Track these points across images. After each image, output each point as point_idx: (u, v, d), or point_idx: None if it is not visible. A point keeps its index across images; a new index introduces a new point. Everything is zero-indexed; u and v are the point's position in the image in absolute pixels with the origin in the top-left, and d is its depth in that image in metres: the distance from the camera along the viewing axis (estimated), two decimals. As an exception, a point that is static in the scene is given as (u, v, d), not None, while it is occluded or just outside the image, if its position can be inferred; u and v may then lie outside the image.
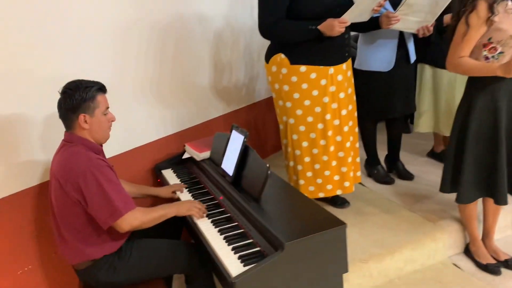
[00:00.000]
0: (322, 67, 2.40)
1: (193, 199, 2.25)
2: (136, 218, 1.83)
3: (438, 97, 3.14)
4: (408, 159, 3.39)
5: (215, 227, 1.95)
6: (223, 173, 2.23)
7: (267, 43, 2.55)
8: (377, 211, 2.73)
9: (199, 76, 3.04)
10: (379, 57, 2.80)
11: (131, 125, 2.59)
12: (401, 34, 2.80)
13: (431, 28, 2.68)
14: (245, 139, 2.11)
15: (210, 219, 2.02)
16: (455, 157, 2.25)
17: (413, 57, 2.91)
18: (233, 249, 1.76)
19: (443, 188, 2.34)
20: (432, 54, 3.04)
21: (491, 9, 1.96)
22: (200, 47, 3.01)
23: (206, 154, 2.54)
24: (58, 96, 1.86)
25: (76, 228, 1.85)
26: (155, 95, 2.73)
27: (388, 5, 2.67)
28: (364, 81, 2.89)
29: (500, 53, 2.04)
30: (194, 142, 2.70)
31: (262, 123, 3.74)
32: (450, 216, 2.61)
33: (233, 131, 2.24)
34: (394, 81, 2.86)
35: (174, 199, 2.27)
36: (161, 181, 2.66)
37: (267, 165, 1.90)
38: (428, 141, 3.74)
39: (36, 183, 2.13)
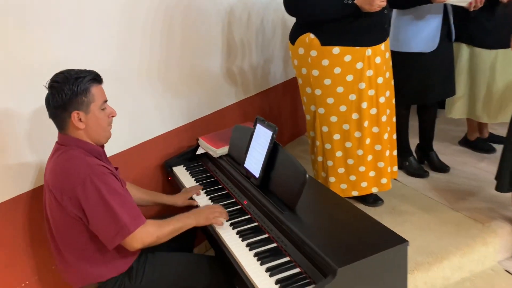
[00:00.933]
0: (358, 48, 2.07)
1: (211, 203, 1.94)
2: (149, 234, 1.53)
3: (476, 80, 2.81)
4: (439, 148, 3.07)
5: (242, 240, 1.65)
6: (247, 174, 1.92)
7: (283, 20, 2.22)
8: (416, 210, 2.43)
9: (210, 59, 2.70)
10: (422, 36, 2.46)
11: (137, 117, 2.27)
12: (444, 9, 2.46)
13: (483, 0, 2.34)
14: (274, 135, 1.79)
15: (235, 229, 1.72)
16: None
17: (454, 34, 2.58)
18: (268, 270, 1.47)
19: (501, 188, 2.04)
20: (471, 31, 2.70)
21: None
22: (210, 26, 2.67)
23: (223, 150, 2.22)
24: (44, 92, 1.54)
25: (77, 247, 1.55)
26: (163, 82, 2.39)
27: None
28: (401, 63, 2.55)
29: None
30: (209, 136, 2.38)
31: (277, 110, 3.42)
32: (500, 216, 2.32)
33: (258, 125, 1.92)
34: (435, 62, 2.54)
35: (192, 207, 1.96)
36: (172, 179, 2.35)
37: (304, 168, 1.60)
38: (459, 126, 3.43)
39: (29, 188, 1.83)
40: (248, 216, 1.80)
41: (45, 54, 1.80)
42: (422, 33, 2.47)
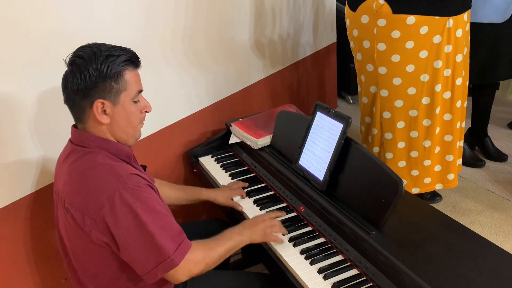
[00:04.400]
0: (438, 18, 1.67)
1: (260, 210, 1.58)
2: (197, 263, 1.18)
3: None
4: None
5: (311, 263, 1.30)
6: (305, 174, 1.56)
7: None
8: (481, 208, 2.11)
9: (238, 28, 2.28)
10: (493, 4, 2.07)
11: (160, 98, 1.87)
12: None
13: None
14: (346, 129, 1.41)
15: (297, 247, 1.37)
16: None
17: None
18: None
19: None
20: None
21: None
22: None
23: (265, 141, 1.84)
24: (59, 65, 1.13)
25: (103, 278, 1.19)
26: (188, 56, 1.98)
27: None
28: None
29: None
30: (244, 122, 1.99)
31: (306, 86, 3.02)
32: None
33: (319, 114, 1.54)
34: (504, 36, 2.17)
35: (236, 210, 1.60)
36: (198, 171, 1.98)
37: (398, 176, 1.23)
38: (505, 106, 3.09)
39: (30, 191, 1.46)
40: (310, 228, 1.45)
41: (52, 23, 1.38)
42: (493, 1, 2.08)
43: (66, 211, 1.13)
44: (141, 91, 1.21)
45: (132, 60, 1.15)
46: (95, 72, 1.09)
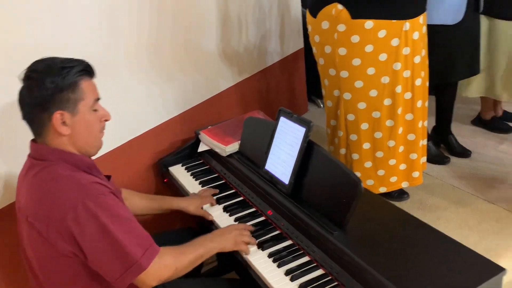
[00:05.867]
0: (395, 21, 1.73)
1: (230, 216, 1.60)
2: (166, 267, 1.19)
3: (495, 54, 2.55)
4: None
5: (279, 265, 1.32)
6: (271, 179, 1.58)
7: None
8: (446, 204, 2.17)
9: (204, 37, 2.30)
10: (445, 6, 2.16)
11: (126, 109, 1.88)
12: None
13: None
14: (308, 133, 1.45)
15: (266, 251, 1.39)
16: None
17: (482, 5, 2.28)
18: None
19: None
20: (488, 1, 2.40)
21: None
22: (204, 0, 2.26)
23: (234, 147, 1.86)
24: (18, 81, 1.14)
25: (73, 289, 1.19)
26: (154, 66, 1.99)
27: None
28: None
29: None
30: (212, 129, 2.01)
31: (275, 92, 3.06)
32: (541, 206, 2.10)
33: (283, 119, 1.58)
34: (458, 37, 2.26)
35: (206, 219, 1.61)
36: (169, 181, 1.98)
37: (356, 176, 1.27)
38: (468, 104, 3.18)
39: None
40: (278, 231, 1.47)
41: (11, 35, 1.38)
42: (445, 3, 2.16)
43: (30, 226, 1.13)
44: (98, 99, 1.22)
45: (87, 69, 1.17)
46: (51, 85, 1.10)
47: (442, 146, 2.69)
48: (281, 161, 1.54)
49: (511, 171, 2.42)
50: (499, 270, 1.11)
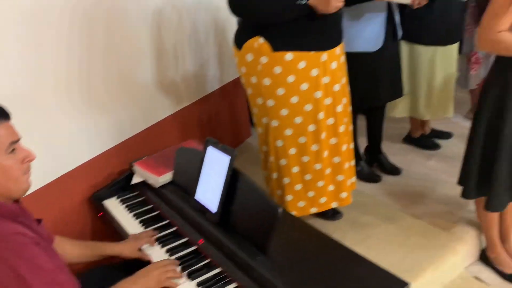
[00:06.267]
0: (313, 53, 1.85)
1: (162, 248, 1.62)
2: None
3: (417, 77, 2.74)
4: (384, 147, 2.99)
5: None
6: (201, 208, 1.63)
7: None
8: (378, 221, 2.29)
9: (139, 68, 2.34)
10: (365, 35, 2.31)
11: (56, 144, 1.88)
12: (389, 7, 2.32)
13: None
14: (232, 161, 1.51)
15: (195, 280, 1.42)
16: (482, 156, 1.84)
17: (400, 33, 2.46)
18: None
19: (468, 195, 1.93)
20: (408, 28, 2.60)
21: None
22: (136, 30, 2.30)
23: (167, 177, 1.90)
24: None
25: None
26: (86, 99, 2.01)
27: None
28: (346, 65, 2.41)
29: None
30: (146, 160, 2.04)
31: (216, 118, 3.13)
32: (461, 219, 2.24)
33: (210, 148, 1.63)
34: (380, 63, 2.41)
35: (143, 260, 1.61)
36: (103, 215, 1.98)
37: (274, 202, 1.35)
38: (399, 123, 3.37)
39: None
40: (208, 260, 1.51)
41: None
42: (365, 32, 2.32)
43: None
44: (16, 141, 1.20)
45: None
46: None
47: (375, 164, 2.84)
48: (210, 190, 1.60)
49: (435, 186, 2.57)
50: (403, 284, 1.19)
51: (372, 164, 2.83)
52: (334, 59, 1.92)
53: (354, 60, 2.37)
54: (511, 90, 1.70)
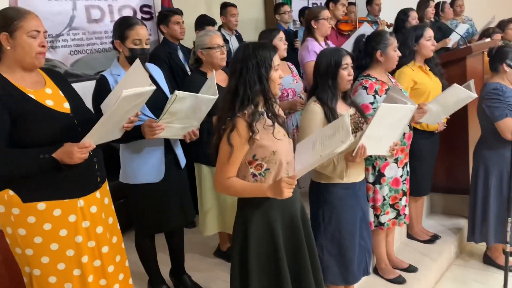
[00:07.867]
0: (68, 200, 1.90)
1: None
2: None
3: (221, 195, 2.95)
4: (194, 264, 3.07)
5: None
6: None
7: None
8: None
9: None
10: (146, 168, 2.47)
11: None
12: (167, 139, 2.53)
13: (197, 132, 2.47)
14: None
15: None
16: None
17: (183, 162, 2.66)
18: None
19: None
20: (206, 153, 2.83)
21: (251, 128, 1.82)
22: None
23: None
24: None
25: None
26: None
27: (147, 111, 2.37)
28: (133, 195, 2.54)
29: (266, 169, 1.91)
30: None
31: None
32: None
33: None
34: (167, 190, 2.56)
35: None
36: None
37: None
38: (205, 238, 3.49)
39: None
40: None
41: None
42: (147, 165, 2.48)
43: None
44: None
45: None
46: None
47: (181, 286, 2.87)
48: None
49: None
50: None
51: (178, 287, 2.86)
52: (93, 203, 1.98)
53: (141, 191, 2.50)
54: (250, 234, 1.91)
